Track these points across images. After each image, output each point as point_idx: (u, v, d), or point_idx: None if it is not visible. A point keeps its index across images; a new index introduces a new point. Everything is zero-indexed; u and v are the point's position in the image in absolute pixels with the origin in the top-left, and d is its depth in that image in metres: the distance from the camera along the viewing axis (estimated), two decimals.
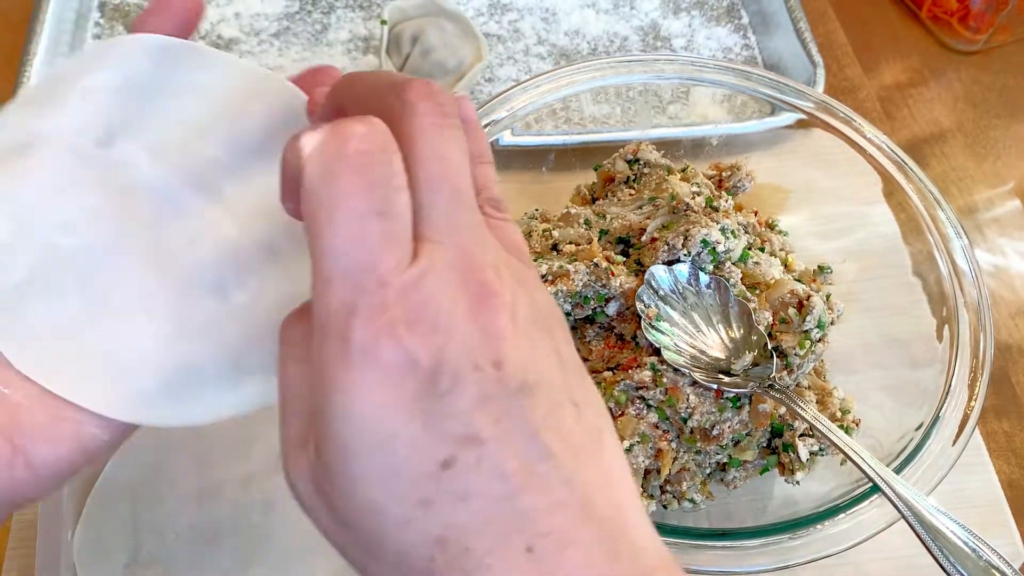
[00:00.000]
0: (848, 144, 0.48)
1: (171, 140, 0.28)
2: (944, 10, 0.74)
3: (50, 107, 0.28)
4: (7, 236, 0.27)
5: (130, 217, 0.27)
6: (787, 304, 0.44)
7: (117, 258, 0.27)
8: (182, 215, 0.28)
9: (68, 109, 0.28)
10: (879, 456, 0.41)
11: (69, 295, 0.26)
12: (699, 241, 0.42)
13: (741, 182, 0.50)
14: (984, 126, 0.70)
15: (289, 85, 0.30)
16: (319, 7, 0.71)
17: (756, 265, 0.45)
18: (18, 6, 0.69)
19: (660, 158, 0.50)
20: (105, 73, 0.29)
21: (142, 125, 0.29)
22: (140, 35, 0.29)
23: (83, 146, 0.28)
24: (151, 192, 0.28)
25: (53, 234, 0.27)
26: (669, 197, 0.45)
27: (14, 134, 0.28)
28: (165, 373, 0.26)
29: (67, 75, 0.29)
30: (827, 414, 0.44)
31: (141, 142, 0.28)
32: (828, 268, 0.51)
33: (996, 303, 0.61)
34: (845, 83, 0.72)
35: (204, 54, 0.30)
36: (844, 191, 0.50)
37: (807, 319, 0.43)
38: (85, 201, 0.27)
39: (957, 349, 0.43)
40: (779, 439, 0.44)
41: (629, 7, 0.74)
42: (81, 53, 0.29)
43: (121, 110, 0.28)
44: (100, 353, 0.26)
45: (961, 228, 0.46)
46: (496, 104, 0.48)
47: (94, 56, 0.30)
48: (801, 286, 0.45)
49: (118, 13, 0.70)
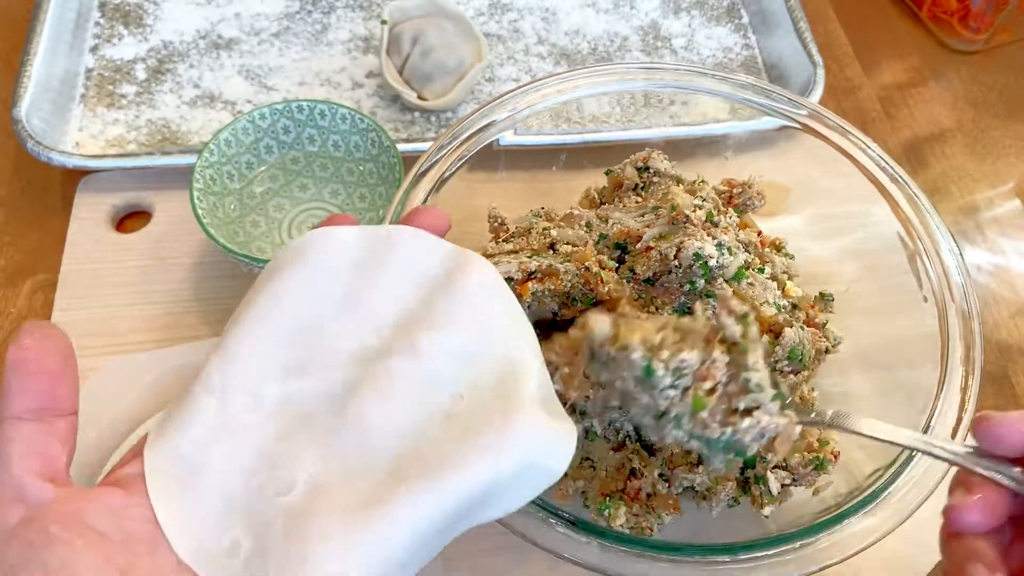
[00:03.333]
0: (841, 154, 0.49)
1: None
2: (944, 10, 0.74)
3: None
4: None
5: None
6: (763, 331, 0.44)
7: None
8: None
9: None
10: (875, 460, 0.41)
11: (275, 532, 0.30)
12: (691, 254, 0.42)
13: (751, 200, 0.50)
14: (984, 126, 0.70)
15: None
16: (319, 7, 0.72)
17: (750, 286, 0.45)
18: (18, 5, 0.69)
19: (670, 168, 0.50)
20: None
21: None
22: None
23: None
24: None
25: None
26: (670, 207, 0.45)
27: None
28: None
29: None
30: (804, 443, 0.44)
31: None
32: (830, 296, 0.50)
33: (997, 303, 0.61)
34: (845, 83, 0.72)
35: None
36: (845, 190, 0.50)
37: (776, 351, 0.43)
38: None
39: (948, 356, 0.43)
40: (751, 470, 0.44)
41: (629, 7, 0.74)
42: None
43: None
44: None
45: (953, 239, 0.46)
46: (496, 105, 0.48)
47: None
48: (783, 316, 0.44)
49: (118, 13, 0.70)
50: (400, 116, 0.65)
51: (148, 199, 0.60)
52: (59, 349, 0.31)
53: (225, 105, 0.65)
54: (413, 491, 0.30)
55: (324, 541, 0.30)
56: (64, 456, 0.30)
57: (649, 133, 0.60)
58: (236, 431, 0.32)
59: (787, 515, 0.43)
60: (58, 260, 0.57)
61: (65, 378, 0.31)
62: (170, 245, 0.58)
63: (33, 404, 0.30)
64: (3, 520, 0.28)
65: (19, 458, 0.29)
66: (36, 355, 0.30)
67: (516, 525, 0.37)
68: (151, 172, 0.60)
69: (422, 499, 0.30)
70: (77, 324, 0.54)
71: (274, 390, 0.32)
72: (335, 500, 0.31)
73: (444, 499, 0.30)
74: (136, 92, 0.65)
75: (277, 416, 0.32)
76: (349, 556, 0.29)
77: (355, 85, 0.67)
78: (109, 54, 0.67)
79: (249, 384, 0.32)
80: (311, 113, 0.57)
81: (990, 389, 0.57)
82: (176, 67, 0.67)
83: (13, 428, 0.29)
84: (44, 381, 0.30)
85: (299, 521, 0.30)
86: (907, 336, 0.47)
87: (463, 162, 0.47)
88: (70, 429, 0.31)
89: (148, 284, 0.56)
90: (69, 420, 0.31)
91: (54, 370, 0.30)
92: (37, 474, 0.29)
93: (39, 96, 0.61)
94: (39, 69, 0.62)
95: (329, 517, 0.30)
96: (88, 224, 0.59)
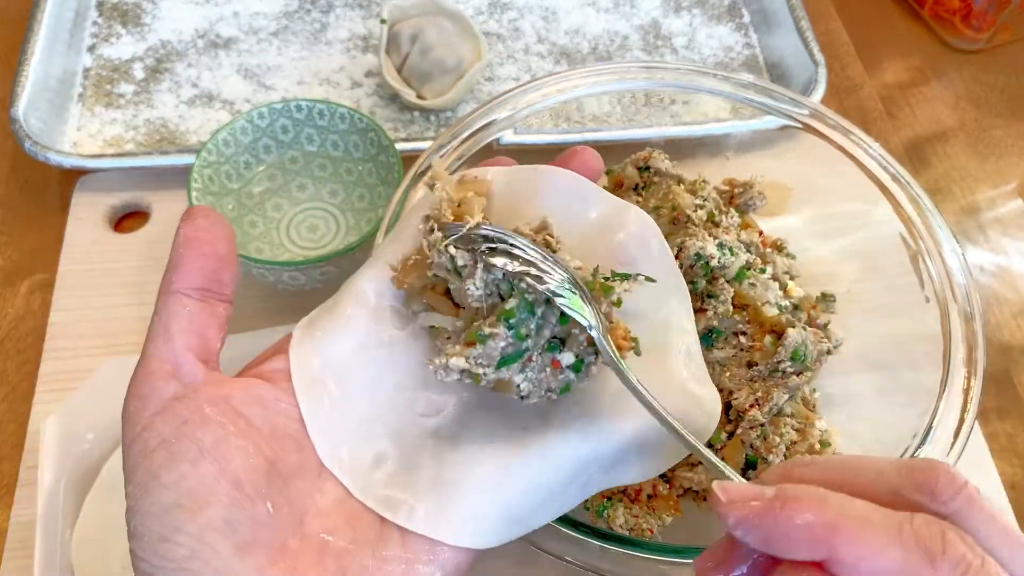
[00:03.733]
0: (843, 154, 0.48)
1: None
2: (946, 9, 0.74)
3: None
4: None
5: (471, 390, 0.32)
6: (764, 332, 0.43)
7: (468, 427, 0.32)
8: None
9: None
10: None
11: (425, 451, 0.31)
12: (693, 254, 0.42)
13: (752, 200, 0.50)
14: (986, 125, 0.70)
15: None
16: (318, 6, 0.71)
17: (752, 287, 0.45)
18: (16, 4, 0.69)
19: (671, 168, 0.50)
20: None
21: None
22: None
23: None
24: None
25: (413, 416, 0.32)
26: (671, 207, 0.45)
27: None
28: (489, 509, 0.30)
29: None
30: (805, 445, 0.43)
31: None
32: (831, 296, 0.50)
33: (999, 303, 0.60)
34: (847, 82, 0.72)
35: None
36: (846, 190, 0.50)
37: (779, 351, 0.43)
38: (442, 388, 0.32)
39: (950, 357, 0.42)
40: (752, 471, 0.43)
41: (630, 6, 0.73)
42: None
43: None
44: (445, 491, 0.30)
45: (955, 240, 0.46)
46: (496, 105, 0.48)
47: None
48: (785, 316, 0.44)
49: (116, 12, 0.70)
50: (399, 115, 0.65)
51: (146, 199, 0.60)
52: (228, 236, 0.31)
53: (223, 105, 0.65)
54: (566, 434, 0.30)
55: (478, 465, 0.30)
56: (219, 341, 0.31)
57: (650, 132, 0.60)
58: (388, 344, 0.32)
59: None
60: (56, 260, 0.57)
61: (231, 264, 0.31)
62: (168, 245, 0.56)
63: (200, 283, 0.30)
64: (159, 392, 0.28)
65: (180, 334, 0.29)
66: (209, 236, 0.31)
67: None
68: (149, 172, 0.60)
69: (574, 444, 0.30)
70: (75, 324, 0.54)
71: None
72: (485, 430, 0.31)
73: (595, 448, 0.30)
74: (134, 91, 0.65)
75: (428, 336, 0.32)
76: (502, 483, 0.29)
77: (354, 84, 0.67)
78: (107, 53, 0.67)
79: (401, 302, 0.32)
80: (310, 113, 0.57)
81: (992, 390, 0.56)
82: (174, 66, 0.67)
83: (179, 303, 0.29)
84: (213, 263, 0.30)
85: (450, 444, 0.31)
86: (909, 337, 0.46)
87: (463, 161, 0.47)
88: (227, 315, 0.31)
89: (146, 284, 0.56)
90: (227, 307, 0.31)
91: (223, 254, 0.31)
92: (195, 353, 0.29)
93: (37, 95, 0.61)
94: (37, 68, 0.62)
95: (482, 445, 0.30)
96: (86, 224, 0.58)
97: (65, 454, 0.46)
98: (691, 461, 0.44)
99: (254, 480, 0.27)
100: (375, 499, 0.29)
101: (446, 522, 0.29)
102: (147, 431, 0.27)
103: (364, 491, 0.29)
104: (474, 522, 0.29)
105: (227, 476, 0.27)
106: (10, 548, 0.47)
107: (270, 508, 0.27)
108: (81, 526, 0.44)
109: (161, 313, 0.29)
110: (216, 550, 0.26)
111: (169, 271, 0.30)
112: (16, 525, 0.47)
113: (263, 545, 0.27)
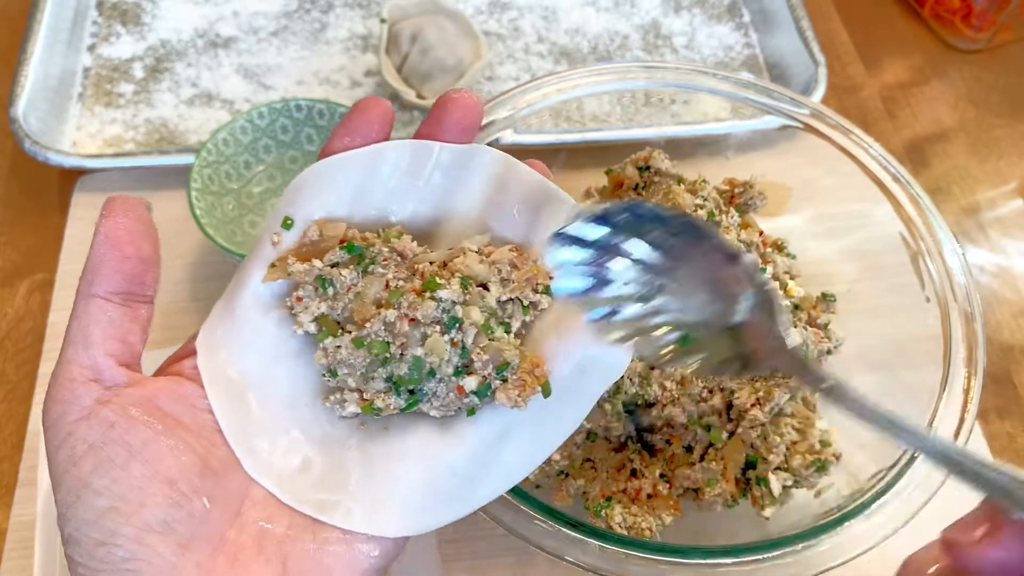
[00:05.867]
0: (843, 154, 0.48)
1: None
2: (946, 8, 0.74)
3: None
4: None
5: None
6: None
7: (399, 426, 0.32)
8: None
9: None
10: (877, 461, 0.41)
11: (351, 451, 0.31)
12: None
13: (752, 200, 0.50)
14: (987, 125, 0.70)
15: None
16: (318, 5, 0.71)
17: None
18: (15, 4, 0.69)
19: (671, 168, 0.50)
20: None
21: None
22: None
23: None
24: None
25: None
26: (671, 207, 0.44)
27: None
28: (422, 497, 0.30)
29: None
30: (805, 445, 0.43)
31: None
32: (832, 296, 0.50)
33: (999, 303, 0.60)
34: (847, 82, 0.72)
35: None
36: (847, 190, 0.50)
37: None
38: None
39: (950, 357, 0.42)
40: (752, 471, 0.43)
41: (630, 5, 0.73)
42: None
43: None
44: (377, 487, 0.30)
45: (955, 240, 0.45)
46: (496, 105, 0.48)
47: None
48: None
49: (116, 12, 0.70)
50: (399, 115, 0.65)
51: (145, 199, 0.60)
52: (152, 235, 0.30)
53: (223, 104, 0.65)
54: (480, 413, 0.31)
55: (406, 458, 0.30)
56: (141, 344, 0.30)
57: (650, 132, 0.60)
58: (296, 353, 0.31)
59: (788, 517, 0.42)
60: (55, 260, 0.57)
61: (155, 265, 0.30)
62: (168, 245, 0.57)
63: (121, 287, 0.29)
64: (80, 397, 0.28)
65: (101, 340, 0.28)
66: (131, 236, 0.29)
67: (517, 528, 0.37)
68: (149, 172, 0.60)
69: (487, 418, 0.31)
70: None
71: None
72: (405, 422, 0.31)
73: (508, 420, 0.30)
74: (134, 91, 0.65)
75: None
76: (432, 469, 0.30)
77: (354, 84, 0.67)
78: (107, 53, 0.67)
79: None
80: (310, 112, 0.57)
81: (992, 390, 0.56)
82: (174, 66, 0.67)
83: (99, 308, 0.29)
84: (136, 265, 0.29)
85: (373, 440, 0.31)
86: (909, 337, 0.46)
87: None
88: (149, 316, 0.30)
89: None
90: (149, 308, 0.30)
91: (146, 255, 0.30)
92: (116, 358, 0.29)
93: (36, 95, 0.61)
94: (36, 68, 0.62)
95: (403, 437, 0.30)
96: (85, 224, 0.58)
97: None
98: (692, 460, 0.44)
99: (188, 477, 0.28)
100: (308, 504, 0.29)
101: (384, 518, 0.29)
102: (72, 436, 0.27)
103: (295, 497, 0.29)
104: (412, 510, 0.30)
105: (160, 476, 0.27)
106: (10, 548, 0.47)
107: (206, 503, 0.28)
108: None
109: (80, 318, 0.29)
110: (156, 550, 0.26)
111: (89, 273, 0.29)
112: (16, 525, 0.47)
113: (202, 539, 0.27)
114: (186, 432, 0.28)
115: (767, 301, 0.32)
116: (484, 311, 0.31)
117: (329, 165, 0.32)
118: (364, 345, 0.30)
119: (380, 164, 0.32)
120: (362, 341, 0.30)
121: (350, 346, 0.30)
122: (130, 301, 0.29)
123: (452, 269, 0.31)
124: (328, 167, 0.32)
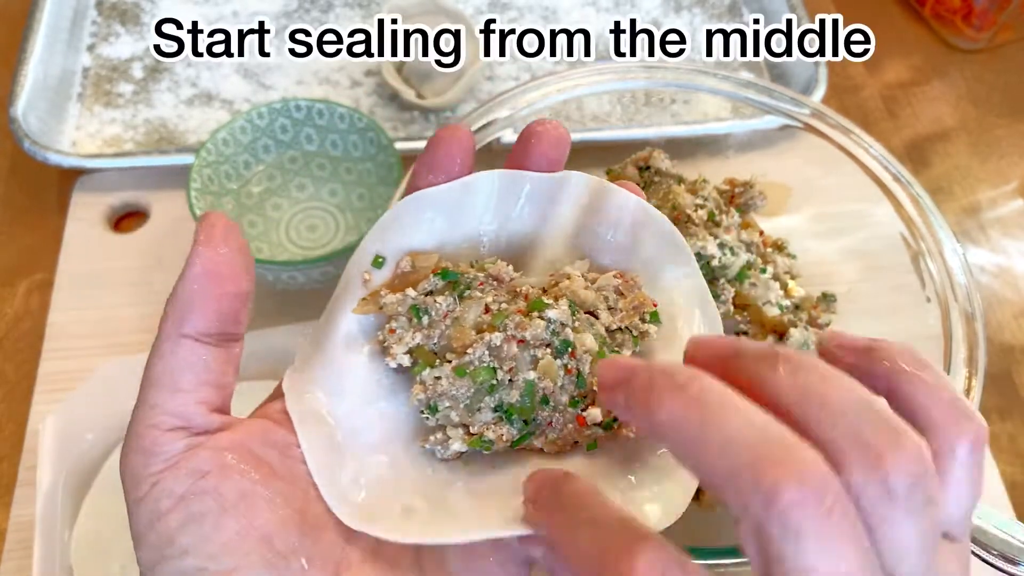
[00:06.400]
0: (843, 153, 0.48)
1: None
2: (947, 8, 0.74)
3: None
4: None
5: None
6: (766, 332, 0.43)
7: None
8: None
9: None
10: None
11: (456, 492, 0.28)
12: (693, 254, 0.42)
13: (753, 200, 0.50)
14: (988, 125, 0.70)
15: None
16: (318, 5, 0.71)
17: (753, 287, 0.45)
18: (15, 3, 0.69)
19: (671, 167, 0.50)
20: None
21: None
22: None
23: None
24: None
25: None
26: (671, 207, 0.44)
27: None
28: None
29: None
30: None
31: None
32: (832, 296, 0.50)
33: (1000, 304, 0.60)
34: (848, 81, 0.71)
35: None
36: (847, 190, 0.50)
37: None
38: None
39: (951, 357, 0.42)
40: None
41: (630, 5, 0.73)
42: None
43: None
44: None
45: (956, 240, 0.45)
46: (496, 104, 0.47)
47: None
48: (787, 316, 0.44)
49: (115, 12, 0.70)
50: (399, 115, 0.65)
51: (145, 199, 0.60)
52: (250, 267, 0.27)
53: (223, 104, 0.65)
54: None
55: (511, 495, 0.27)
56: (233, 385, 0.27)
57: (650, 132, 0.60)
58: (390, 392, 0.29)
59: None
60: (55, 260, 0.57)
61: (250, 299, 0.27)
62: (167, 245, 0.58)
63: (217, 328, 0.26)
64: (164, 447, 0.25)
65: (194, 387, 0.26)
66: (232, 271, 0.26)
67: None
68: (148, 172, 0.60)
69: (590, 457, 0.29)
70: (74, 324, 0.54)
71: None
72: (510, 455, 0.29)
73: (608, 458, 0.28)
74: (133, 91, 0.65)
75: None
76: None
77: (353, 84, 0.67)
78: (106, 53, 0.67)
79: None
80: (309, 112, 0.57)
81: (993, 390, 0.56)
82: (173, 66, 0.67)
83: (191, 351, 0.26)
84: (233, 303, 0.26)
85: (478, 477, 0.28)
86: (910, 337, 0.46)
87: None
88: (240, 351, 0.27)
89: (145, 284, 0.56)
90: (241, 344, 0.27)
91: (244, 291, 0.26)
92: (208, 405, 0.26)
93: (36, 95, 0.61)
94: (36, 68, 0.62)
95: (504, 471, 0.28)
96: (85, 224, 0.58)
97: (64, 454, 0.46)
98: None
99: (286, 534, 0.25)
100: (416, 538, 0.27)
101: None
102: (157, 488, 0.25)
103: (405, 535, 0.27)
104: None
105: (255, 533, 0.24)
106: (9, 548, 0.47)
107: (304, 564, 0.25)
108: (80, 526, 0.44)
109: (168, 359, 0.26)
110: None
111: (179, 309, 0.26)
112: (15, 525, 0.47)
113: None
114: (282, 483, 0.26)
115: None
116: (597, 338, 0.29)
117: (417, 201, 0.30)
118: (467, 373, 0.27)
119: (470, 197, 0.31)
120: (464, 369, 0.27)
121: (451, 376, 0.27)
122: (224, 341, 0.27)
123: (556, 294, 0.29)
124: (416, 203, 0.30)
